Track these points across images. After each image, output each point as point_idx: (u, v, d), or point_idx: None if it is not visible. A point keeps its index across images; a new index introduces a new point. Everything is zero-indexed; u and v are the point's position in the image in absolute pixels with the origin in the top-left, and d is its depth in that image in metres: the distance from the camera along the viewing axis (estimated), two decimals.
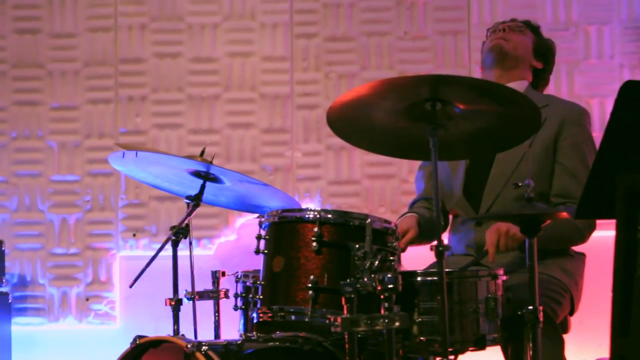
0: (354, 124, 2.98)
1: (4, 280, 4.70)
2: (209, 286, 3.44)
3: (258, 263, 3.01)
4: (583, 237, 3.43)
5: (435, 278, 2.80)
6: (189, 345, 2.87)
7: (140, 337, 3.05)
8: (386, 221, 2.90)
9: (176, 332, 3.25)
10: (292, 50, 5.00)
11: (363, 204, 4.92)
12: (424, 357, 2.89)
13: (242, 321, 3.34)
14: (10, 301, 4.76)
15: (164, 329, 3.32)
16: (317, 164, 4.97)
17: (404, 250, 3.33)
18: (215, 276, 3.45)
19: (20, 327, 4.89)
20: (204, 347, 2.87)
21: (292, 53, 5.00)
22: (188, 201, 3.37)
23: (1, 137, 5.04)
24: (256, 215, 3.27)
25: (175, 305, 3.31)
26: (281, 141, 4.98)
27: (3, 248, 4.72)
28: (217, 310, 3.46)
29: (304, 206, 3.98)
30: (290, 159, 4.98)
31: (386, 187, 4.94)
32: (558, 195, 3.45)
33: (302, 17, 5.02)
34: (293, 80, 5.00)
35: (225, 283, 3.48)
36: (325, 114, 2.97)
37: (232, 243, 4.96)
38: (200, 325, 3.39)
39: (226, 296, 3.44)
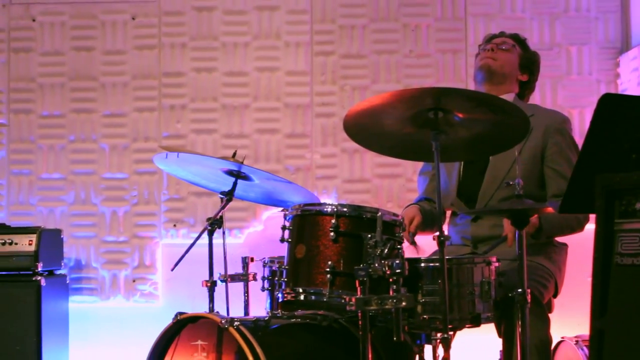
0: (366, 130, 2.97)
1: (62, 264, 4.71)
2: (239, 270, 3.44)
3: (282, 250, 3.01)
4: (581, 225, 3.41)
5: (437, 264, 2.79)
6: (222, 321, 2.88)
7: (180, 313, 3.06)
8: (394, 214, 2.90)
9: (211, 309, 3.25)
10: (312, 65, 4.99)
11: (373, 199, 4.91)
12: (426, 332, 2.87)
13: (268, 300, 3.34)
14: (67, 282, 4.77)
15: (200, 307, 3.32)
16: (333, 165, 4.96)
17: (415, 234, 3.33)
18: (245, 261, 3.45)
19: (76, 304, 4.90)
20: (236, 323, 2.87)
21: (312, 68, 4.99)
22: (222, 196, 3.36)
23: (60, 140, 5.06)
24: (281, 208, 3.26)
25: (211, 286, 3.31)
26: (302, 145, 4.97)
27: (62, 236, 4.73)
28: (246, 291, 3.46)
29: (322, 201, 3.96)
30: (310, 160, 4.97)
31: (393, 185, 4.93)
32: (555, 195, 3.43)
33: (321, 37, 5.01)
34: (313, 92, 4.99)
35: (253, 267, 3.47)
36: (341, 121, 2.97)
37: (259, 233, 4.96)
38: (232, 304, 3.38)
39: (254, 279, 3.44)
